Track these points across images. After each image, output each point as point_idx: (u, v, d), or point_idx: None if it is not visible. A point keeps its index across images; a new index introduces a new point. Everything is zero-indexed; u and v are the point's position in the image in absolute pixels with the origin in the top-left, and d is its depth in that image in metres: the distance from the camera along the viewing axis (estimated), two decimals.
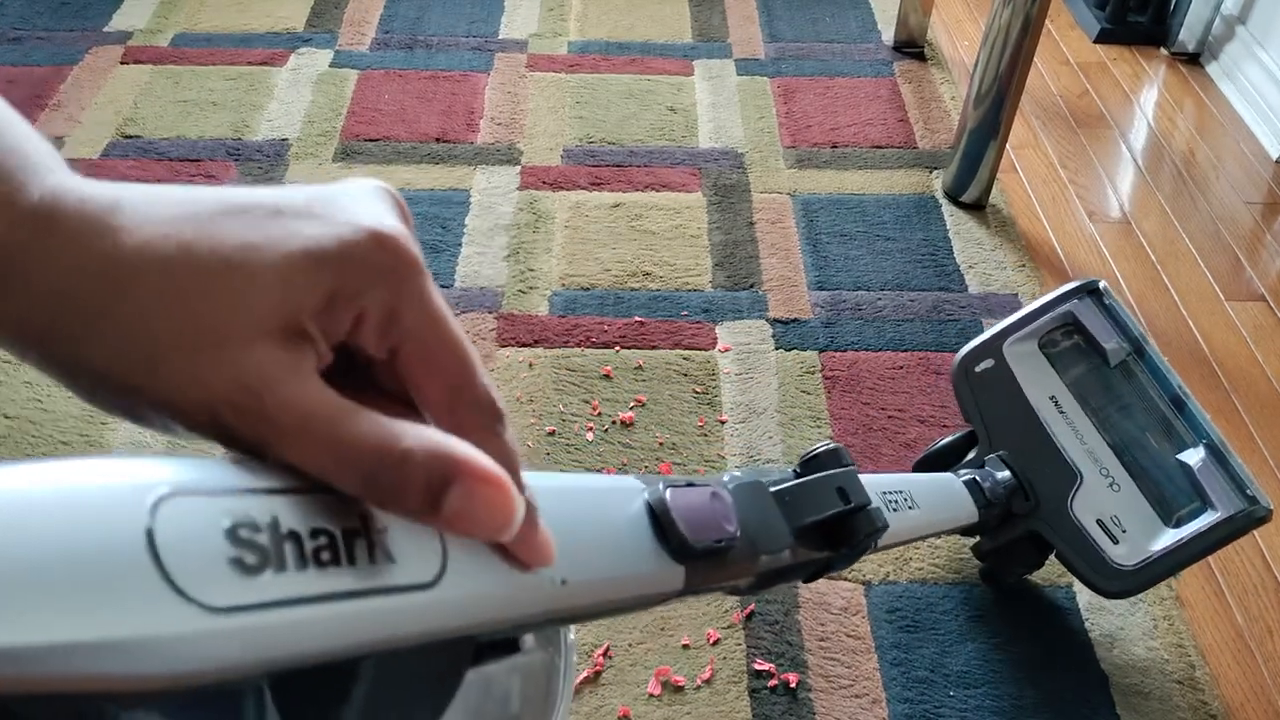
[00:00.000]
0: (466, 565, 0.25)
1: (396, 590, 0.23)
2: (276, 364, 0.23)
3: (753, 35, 1.76)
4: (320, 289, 0.23)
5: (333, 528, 0.22)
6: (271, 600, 0.20)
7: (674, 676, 0.87)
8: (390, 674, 0.23)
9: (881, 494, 0.60)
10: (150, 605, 0.18)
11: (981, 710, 0.86)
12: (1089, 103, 1.66)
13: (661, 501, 0.34)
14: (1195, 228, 1.42)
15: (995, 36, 1.26)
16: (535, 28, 1.75)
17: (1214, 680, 0.90)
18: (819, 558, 0.46)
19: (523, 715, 0.34)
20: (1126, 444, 0.88)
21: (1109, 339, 0.90)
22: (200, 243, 0.23)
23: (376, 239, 0.24)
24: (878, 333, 1.21)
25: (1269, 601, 0.97)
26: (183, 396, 0.22)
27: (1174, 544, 0.83)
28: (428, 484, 0.22)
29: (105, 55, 1.63)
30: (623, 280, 1.27)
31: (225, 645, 0.19)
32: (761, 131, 1.53)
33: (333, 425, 0.23)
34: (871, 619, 0.92)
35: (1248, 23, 1.67)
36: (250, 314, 0.23)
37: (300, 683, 0.23)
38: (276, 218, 0.24)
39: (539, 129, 1.52)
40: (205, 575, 0.19)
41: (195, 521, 0.20)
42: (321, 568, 0.21)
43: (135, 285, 0.22)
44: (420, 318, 0.25)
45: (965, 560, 0.97)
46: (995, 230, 1.37)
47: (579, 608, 0.30)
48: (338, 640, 0.22)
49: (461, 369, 0.25)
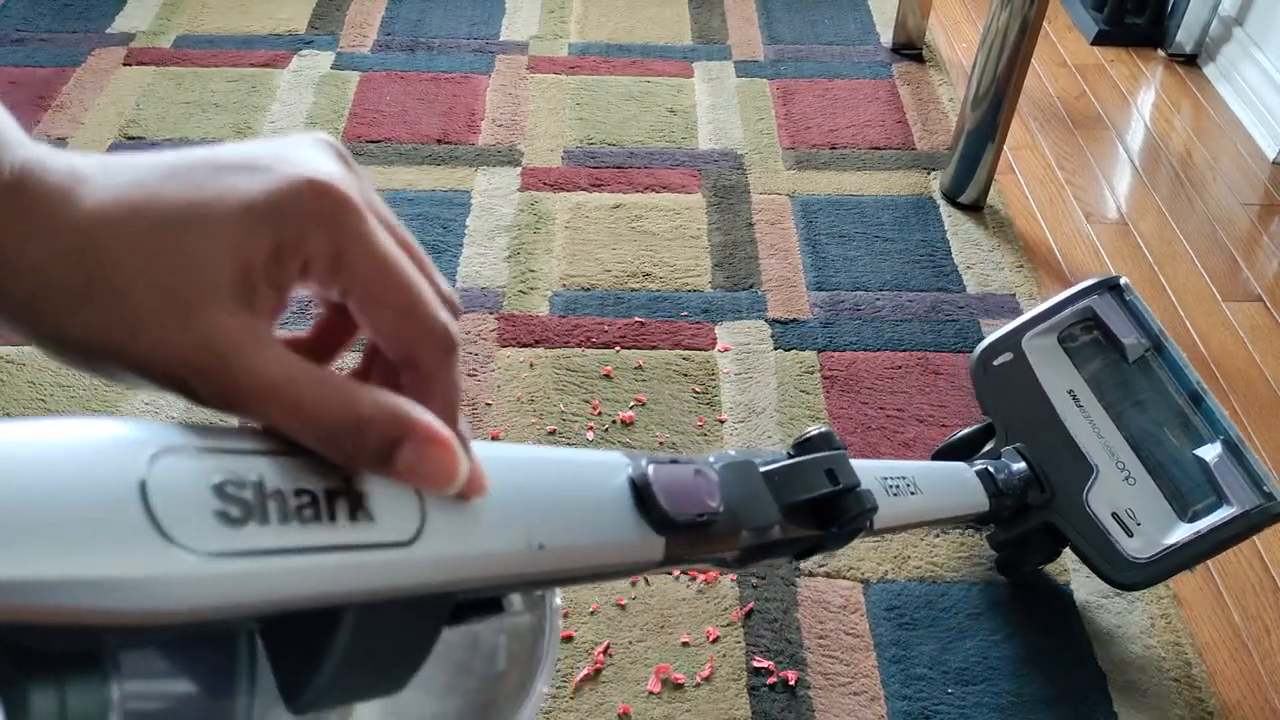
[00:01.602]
0: (443, 527, 0.26)
1: (374, 547, 0.24)
2: (238, 329, 0.24)
3: (752, 37, 1.77)
4: (265, 241, 0.24)
5: (315, 488, 0.24)
6: (253, 549, 0.22)
7: (674, 674, 0.88)
8: (370, 625, 0.25)
9: (881, 479, 0.61)
10: (139, 548, 0.20)
11: (980, 707, 0.87)
12: (1086, 104, 1.67)
13: (644, 476, 0.35)
14: (1192, 229, 1.42)
15: (993, 38, 1.27)
16: (536, 30, 1.76)
17: (1211, 678, 0.90)
18: (809, 535, 0.47)
19: (509, 673, 0.36)
20: (1143, 438, 0.89)
21: (1128, 334, 0.90)
22: (152, 207, 0.23)
23: (313, 186, 0.25)
24: (876, 333, 1.22)
25: (1266, 600, 0.97)
26: (155, 362, 0.24)
27: (1188, 538, 0.83)
28: (381, 444, 0.24)
29: (108, 57, 1.63)
30: (623, 281, 1.27)
31: (207, 588, 0.21)
32: (761, 133, 1.54)
33: (294, 391, 0.24)
34: (870, 617, 0.93)
35: (1245, 24, 1.68)
36: (206, 275, 0.23)
37: (287, 630, 0.24)
38: (217, 174, 0.24)
39: (539, 130, 1.53)
40: (192, 524, 0.21)
41: (185, 476, 0.21)
42: (304, 523, 0.23)
43: (103, 254, 0.23)
44: (365, 258, 0.25)
45: (964, 558, 0.98)
46: (993, 231, 1.38)
47: (558, 571, 0.31)
48: (316, 590, 0.23)
49: (410, 302, 0.26)
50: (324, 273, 0.25)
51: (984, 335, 1.21)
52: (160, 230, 0.23)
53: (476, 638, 0.35)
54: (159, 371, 0.24)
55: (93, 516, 0.19)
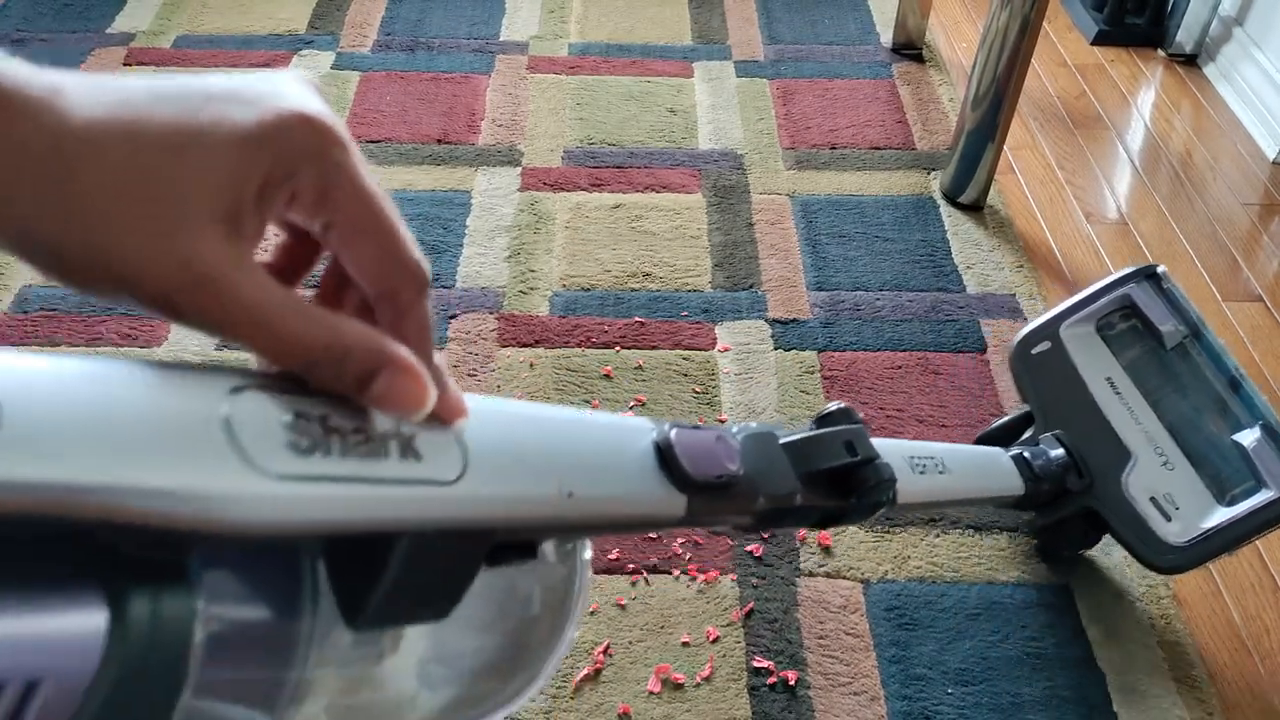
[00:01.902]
0: (483, 470, 0.29)
1: (423, 483, 0.27)
2: (225, 256, 0.24)
3: (752, 37, 1.77)
4: (256, 171, 0.25)
5: (370, 427, 0.27)
6: (318, 476, 0.25)
7: (674, 674, 0.88)
8: (419, 555, 0.28)
9: (908, 457, 0.63)
10: (224, 468, 0.23)
11: (979, 708, 0.87)
12: (1086, 104, 1.67)
13: (667, 438, 0.38)
14: (1192, 229, 1.42)
15: (993, 38, 1.27)
16: (536, 30, 1.76)
17: (1211, 678, 0.90)
18: (828, 505, 0.50)
19: (542, 617, 0.39)
20: (1181, 424, 0.90)
21: (1165, 321, 0.91)
22: (140, 129, 0.24)
23: (305, 120, 0.25)
24: (876, 333, 1.22)
25: (1266, 600, 0.97)
26: (137, 280, 0.24)
27: (1226, 521, 0.84)
28: (359, 374, 0.26)
29: (108, 57, 1.63)
30: (623, 281, 1.27)
31: (278, 507, 0.24)
32: (761, 133, 1.54)
33: (280, 320, 0.25)
34: (870, 617, 0.93)
35: (1245, 24, 1.68)
36: (194, 202, 0.24)
37: (347, 556, 0.28)
38: (207, 103, 0.25)
39: (539, 130, 1.53)
40: (267, 450, 0.24)
41: (262, 408, 0.24)
42: (361, 458, 0.26)
43: (83, 167, 0.23)
44: (350, 193, 0.26)
45: (964, 559, 0.98)
46: (993, 231, 1.38)
47: (586, 518, 0.34)
48: (371, 517, 0.26)
49: (390, 238, 0.27)
50: (310, 205, 0.26)
51: (984, 335, 1.21)
52: (149, 153, 0.24)
53: (513, 583, 0.38)
54: (144, 290, 0.24)
55: (186, 439, 0.22)
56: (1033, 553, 0.98)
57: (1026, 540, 1.00)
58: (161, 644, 0.23)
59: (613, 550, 0.97)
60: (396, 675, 0.35)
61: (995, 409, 1.13)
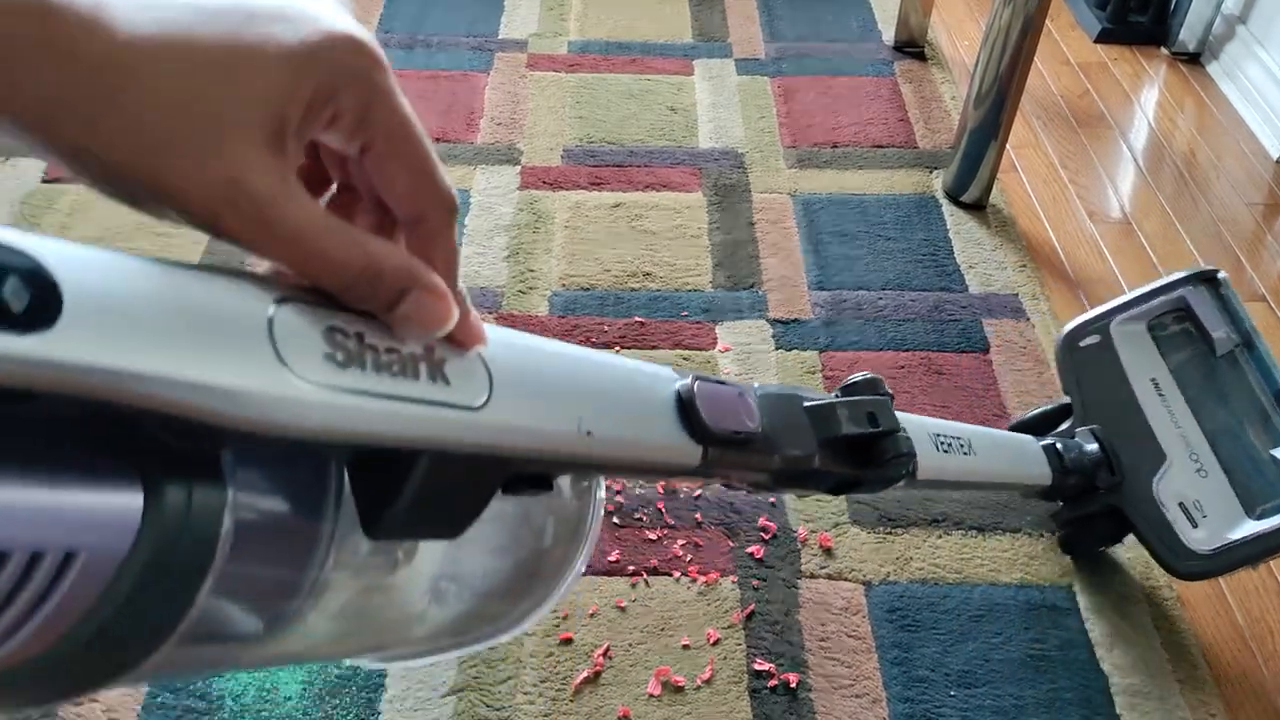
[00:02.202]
0: (507, 401, 0.31)
1: (449, 406, 0.29)
2: (270, 173, 0.25)
3: (753, 35, 1.76)
4: (302, 92, 0.25)
5: (403, 350, 0.28)
6: (351, 388, 0.26)
7: (674, 677, 0.87)
8: (440, 473, 0.29)
9: (933, 435, 0.64)
10: (265, 370, 0.24)
11: (982, 710, 0.86)
12: (1089, 103, 1.66)
13: (689, 389, 0.39)
14: (1196, 228, 1.42)
15: (996, 36, 1.26)
16: (535, 27, 1.75)
17: (1214, 680, 0.90)
18: (845, 472, 0.50)
19: (553, 550, 0.41)
20: (1220, 433, 0.89)
21: (1218, 328, 0.91)
22: (189, 46, 0.24)
23: (350, 41, 0.26)
24: (878, 332, 1.21)
25: (1270, 602, 0.97)
26: (185, 197, 0.25)
27: (1252, 535, 0.84)
28: (390, 294, 0.27)
29: None
30: (623, 280, 1.27)
31: (312, 412, 0.25)
32: (762, 131, 1.53)
33: (321, 240, 0.26)
34: (872, 619, 0.92)
35: (1248, 22, 1.67)
36: (242, 120, 0.24)
37: (371, 468, 0.29)
38: (251, 21, 0.25)
39: (539, 129, 1.52)
40: (306, 359, 0.25)
41: (303, 320, 0.26)
42: (392, 375, 0.27)
43: (132, 84, 0.23)
44: (389, 115, 0.27)
45: (966, 560, 0.97)
46: (996, 230, 1.37)
47: (602, 458, 0.36)
48: (397, 432, 0.28)
49: (424, 163, 0.28)
50: (350, 127, 0.27)
51: (986, 335, 1.21)
52: (198, 72, 0.24)
53: (529, 513, 0.39)
54: (191, 207, 0.25)
55: (232, 341, 0.24)
56: (1034, 553, 0.98)
57: (1029, 541, 0.99)
58: (192, 529, 0.24)
59: (613, 552, 0.96)
60: (409, 586, 0.36)
61: (998, 409, 1.12)
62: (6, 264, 0.20)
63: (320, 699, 0.85)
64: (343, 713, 0.84)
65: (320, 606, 0.31)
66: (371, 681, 0.86)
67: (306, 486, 0.30)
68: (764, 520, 0.99)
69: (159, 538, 0.24)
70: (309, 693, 0.85)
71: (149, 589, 0.24)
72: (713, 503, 1.01)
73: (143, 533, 0.23)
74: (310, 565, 0.30)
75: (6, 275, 0.20)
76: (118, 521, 0.23)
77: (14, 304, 0.20)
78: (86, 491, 0.23)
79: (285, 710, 0.84)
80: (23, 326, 0.20)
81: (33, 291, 0.20)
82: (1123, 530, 0.91)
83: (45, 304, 0.20)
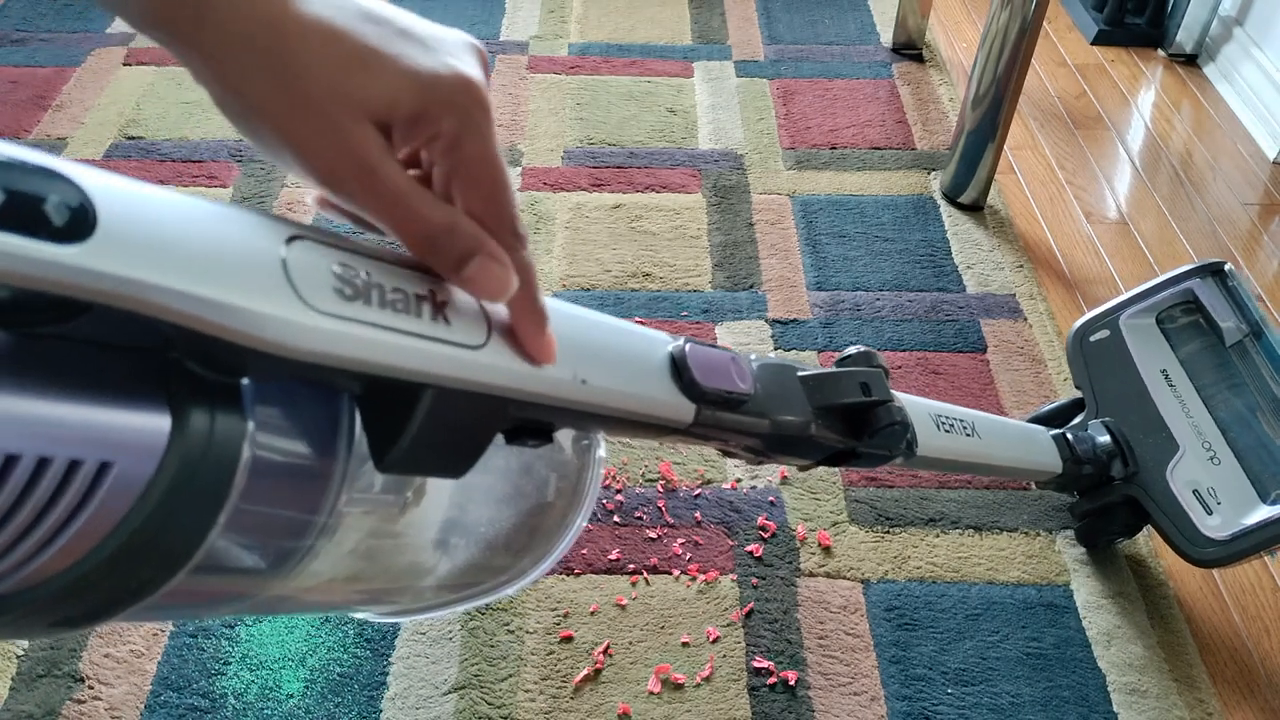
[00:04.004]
0: (505, 344, 0.33)
1: (448, 343, 0.31)
2: (377, 147, 0.31)
3: (752, 37, 1.77)
4: (414, 105, 0.31)
5: (407, 289, 0.31)
6: (358, 319, 0.29)
7: (674, 674, 0.88)
8: (443, 409, 0.31)
9: (934, 415, 0.65)
10: (277, 295, 0.27)
11: (979, 708, 0.87)
12: (1087, 104, 1.66)
13: (681, 350, 0.42)
14: (1192, 228, 1.42)
15: (993, 38, 1.27)
16: (536, 29, 1.76)
17: (1211, 679, 0.90)
18: (840, 442, 0.51)
19: (555, 502, 0.43)
20: (1232, 421, 0.91)
21: (1227, 319, 0.92)
22: (350, 32, 0.30)
23: (463, 81, 0.32)
24: (876, 333, 1.22)
25: (1266, 600, 0.97)
26: (316, 160, 0.30)
27: (1267, 520, 0.85)
28: (461, 254, 0.32)
29: (108, 57, 1.63)
30: (623, 281, 1.27)
31: (318, 337, 0.27)
32: (761, 133, 1.54)
33: (413, 199, 0.31)
34: (870, 617, 0.93)
35: (1245, 24, 1.68)
36: (365, 108, 0.30)
37: (380, 403, 0.31)
38: (400, 37, 0.31)
39: (540, 130, 1.53)
40: (316, 290, 0.28)
41: (315, 255, 0.29)
42: (396, 312, 0.30)
43: (300, 45, 0.29)
44: (477, 149, 0.32)
45: (964, 559, 0.98)
46: (993, 231, 1.38)
47: (597, 406, 0.38)
48: (401, 364, 0.30)
49: (500, 194, 0.33)
50: (443, 149, 0.32)
51: (984, 335, 1.21)
52: (343, 58, 0.30)
53: (532, 467, 0.42)
54: (319, 169, 0.31)
55: (249, 266, 0.26)
56: (1032, 552, 0.98)
57: (1027, 540, 1.00)
58: (214, 452, 0.27)
59: (613, 550, 0.97)
60: (419, 531, 0.38)
61: (995, 409, 1.12)
62: (49, 185, 0.22)
63: (322, 696, 0.85)
64: (345, 710, 0.84)
65: (334, 543, 0.33)
66: (373, 679, 0.86)
67: (320, 424, 0.32)
68: (763, 519, 1.00)
69: (185, 456, 0.26)
70: (311, 690, 0.86)
71: (174, 506, 0.26)
72: (712, 501, 1.02)
73: (170, 451, 0.26)
74: (324, 498, 0.32)
75: (49, 194, 0.22)
76: (148, 440, 0.26)
77: (55, 218, 0.22)
78: (121, 410, 0.25)
79: (288, 708, 0.84)
80: (62, 238, 0.22)
81: (72, 209, 0.23)
82: (1140, 520, 0.92)
83: (83, 220, 0.23)
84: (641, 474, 1.04)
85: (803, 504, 1.02)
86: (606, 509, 1.01)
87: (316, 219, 1.02)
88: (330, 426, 0.32)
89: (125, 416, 0.25)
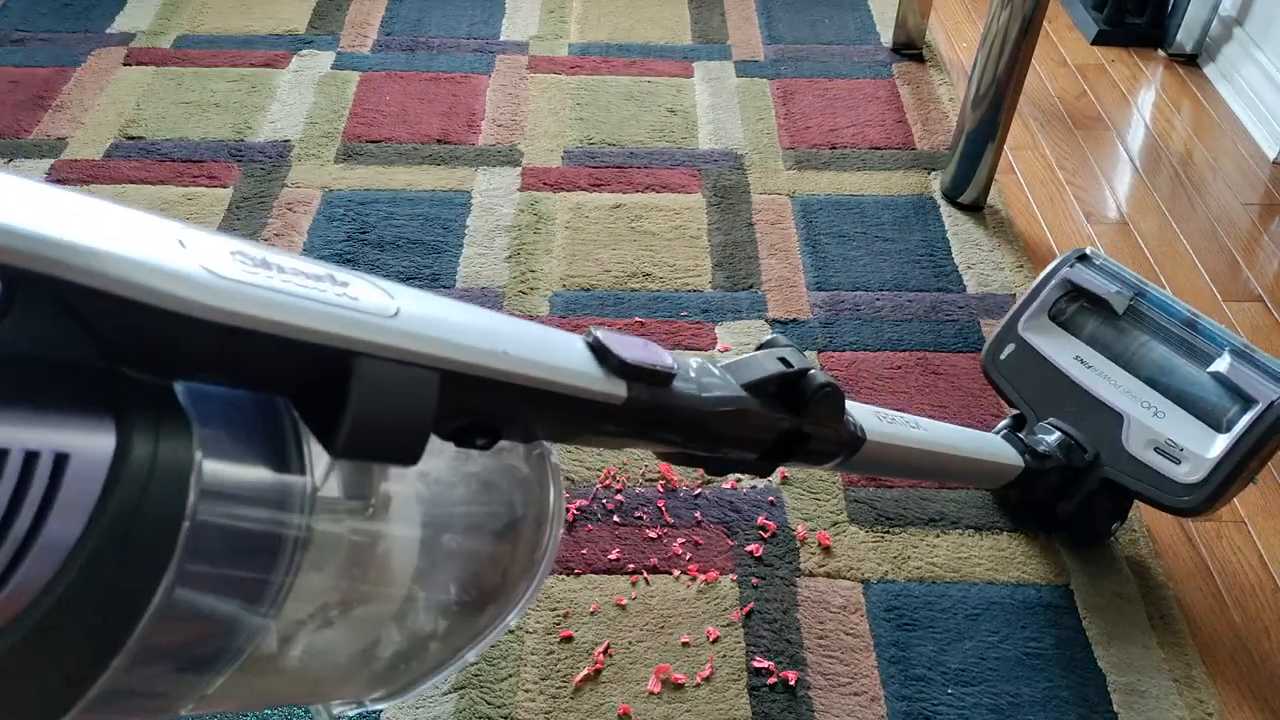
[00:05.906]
0: (419, 315, 0.34)
1: (360, 310, 0.32)
2: None
3: (752, 37, 1.77)
4: None
5: (307, 269, 0.32)
6: (265, 285, 0.30)
7: (674, 674, 0.88)
8: (377, 380, 0.32)
9: (873, 411, 0.68)
10: (182, 263, 0.28)
11: (979, 708, 0.87)
12: (1087, 104, 1.66)
13: (595, 336, 0.44)
14: (1192, 229, 1.42)
15: (993, 38, 1.27)
16: (536, 30, 1.76)
17: (1210, 679, 0.90)
18: (787, 421, 0.54)
19: (525, 518, 0.43)
20: (1157, 374, 0.94)
21: (1108, 289, 0.96)
22: None
23: None
24: (876, 333, 1.22)
25: (1266, 601, 0.97)
26: None
27: (1230, 446, 0.88)
28: None
29: (108, 57, 1.63)
30: (623, 281, 1.27)
31: (231, 298, 0.29)
32: (761, 133, 1.54)
33: None
34: (870, 617, 0.93)
35: (1245, 24, 1.68)
36: None
37: (314, 392, 0.32)
38: None
39: (540, 130, 1.53)
40: (218, 262, 0.29)
41: (210, 242, 0.30)
42: (300, 284, 0.31)
43: None
44: None
45: (964, 559, 0.98)
46: (993, 231, 1.38)
47: (524, 378, 0.38)
48: (314, 326, 0.31)
49: None
50: None
51: (984, 335, 1.21)
52: None
53: (492, 483, 0.43)
54: None
55: (154, 242, 0.28)
56: (1031, 552, 0.98)
57: (1026, 540, 1.00)
58: (164, 467, 0.28)
59: (613, 550, 0.97)
60: (398, 560, 0.39)
61: (995, 409, 1.12)
62: None
63: None
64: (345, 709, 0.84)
65: (309, 565, 0.34)
66: None
67: (267, 437, 0.33)
68: (763, 519, 1.00)
69: (132, 465, 0.27)
70: None
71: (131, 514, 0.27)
72: (712, 501, 1.02)
73: (116, 458, 0.27)
74: (289, 511, 0.33)
75: None
76: (96, 453, 0.27)
77: None
78: (66, 414, 0.27)
79: (289, 707, 0.84)
80: None
81: None
82: (1124, 498, 0.94)
83: None
84: (641, 474, 1.04)
85: (803, 504, 1.02)
86: (607, 509, 1.01)
87: None
88: (277, 438, 0.33)
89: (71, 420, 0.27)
